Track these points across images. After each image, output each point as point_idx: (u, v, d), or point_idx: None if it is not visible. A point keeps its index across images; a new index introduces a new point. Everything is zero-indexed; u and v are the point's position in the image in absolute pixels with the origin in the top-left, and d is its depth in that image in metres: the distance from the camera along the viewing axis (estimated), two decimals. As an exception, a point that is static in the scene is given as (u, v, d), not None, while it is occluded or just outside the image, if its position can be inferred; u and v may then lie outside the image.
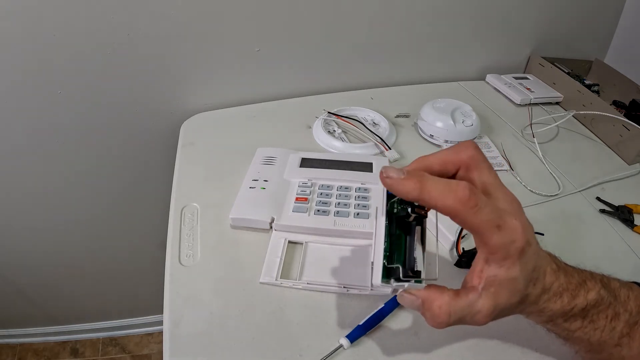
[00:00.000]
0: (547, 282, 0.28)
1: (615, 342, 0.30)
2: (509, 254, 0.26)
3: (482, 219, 0.25)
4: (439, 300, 0.27)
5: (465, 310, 0.27)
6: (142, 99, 0.67)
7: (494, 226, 0.25)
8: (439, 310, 0.27)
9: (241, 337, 0.37)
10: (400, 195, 0.26)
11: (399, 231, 0.29)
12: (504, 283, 0.26)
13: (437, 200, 0.25)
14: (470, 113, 0.64)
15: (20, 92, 0.60)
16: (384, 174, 0.26)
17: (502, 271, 0.26)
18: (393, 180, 0.26)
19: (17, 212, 0.77)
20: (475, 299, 0.27)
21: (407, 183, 0.26)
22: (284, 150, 0.56)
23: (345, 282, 0.41)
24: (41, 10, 0.54)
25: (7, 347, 1.10)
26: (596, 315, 0.29)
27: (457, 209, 0.25)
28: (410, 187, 0.25)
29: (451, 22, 0.76)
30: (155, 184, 0.78)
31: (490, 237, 0.25)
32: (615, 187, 0.59)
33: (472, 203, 0.25)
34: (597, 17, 0.85)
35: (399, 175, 0.26)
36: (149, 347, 1.14)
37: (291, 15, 0.65)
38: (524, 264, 0.27)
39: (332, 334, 0.37)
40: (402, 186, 0.26)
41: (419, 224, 0.29)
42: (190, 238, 0.46)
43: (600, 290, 0.29)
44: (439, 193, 0.25)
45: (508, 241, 0.26)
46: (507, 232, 0.26)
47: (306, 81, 0.74)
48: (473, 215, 0.25)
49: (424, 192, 0.25)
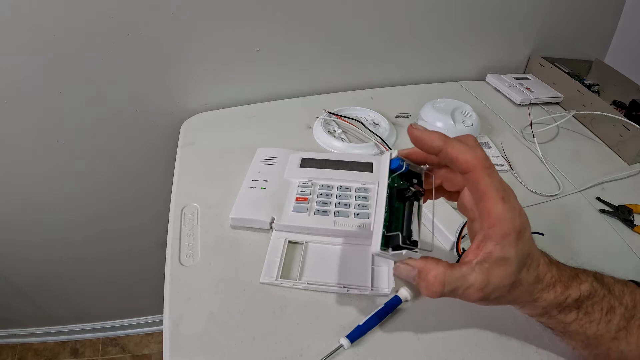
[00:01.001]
0: (541, 272, 0.29)
1: (612, 336, 0.30)
2: (507, 231, 0.27)
3: (492, 182, 0.27)
4: (435, 270, 0.28)
5: (458, 281, 0.28)
6: (142, 99, 0.67)
7: (499, 196, 0.27)
8: (434, 279, 0.28)
9: (241, 337, 0.37)
10: (424, 144, 0.29)
11: (398, 204, 0.31)
12: (497, 261, 0.27)
13: (459, 153, 0.27)
14: (470, 113, 0.64)
15: (20, 92, 0.60)
16: (413, 126, 0.29)
17: (497, 249, 0.27)
18: (420, 130, 0.29)
19: (17, 212, 0.77)
20: (468, 272, 0.28)
21: (434, 134, 0.28)
22: (284, 150, 0.56)
23: (346, 282, 0.41)
24: (41, 10, 0.54)
25: (7, 347, 1.10)
26: (591, 307, 0.30)
27: (474, 164, 0.27)
28: (436, 136, 0.28)
29: (451, 22, 0.76)
30: (155, 183, 0.78)
31: (495, 206, 0.27)
32: (615, 187, 0.59)
33: (488, 164, 0.27)
34: (597, 17, 0.85)
35: (426, 129, 0.29)
36: (149, 347, 1.14)
37: (291, 15, 0.65)
38: (519, 248, 0.27)
39: (332, 334, 0.37)
40: (428, 135, 0.28)
41: (416, 200, 0.31)
42: (190, 238, 0.46)
43: (593, 282, 0.30)
44: (460, 147, 0.28)
45: (509, 217, 0.27)
46: (509, 208, 0.27)
47: (306, 81, 0.74)
48: (487, 176, 0.27)
49: (447, 144, 0.28)
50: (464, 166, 0.27)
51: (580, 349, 0.32)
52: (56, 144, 0.68)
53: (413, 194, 0.31)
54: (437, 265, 0.28)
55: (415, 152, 0.32)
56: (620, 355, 0.30)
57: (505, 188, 0.28)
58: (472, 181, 0.27)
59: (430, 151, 0.29)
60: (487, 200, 0.27)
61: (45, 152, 0.68)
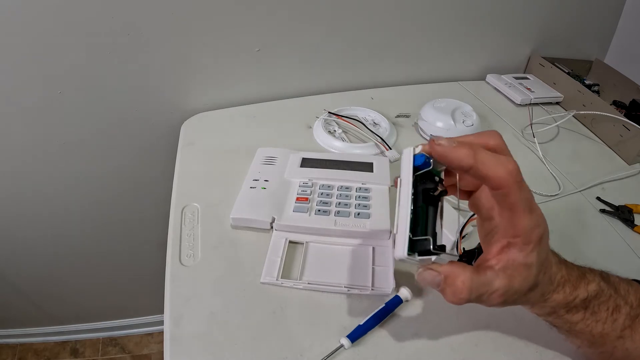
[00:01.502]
0: (553, 272, 0.29)
1: (617, 335, 0.30)
2: (530, 239, 0.27)
3: (523, 196, 0.26)
4: (462, 276, 0.27)
5: (484, 287, 0.27)
6: (142, 99, 0.67)
7: (527, 208, 0.26)
8: (462, 285, 0.27)
9: (242, 337, 0.37)
10: (450, 162, 0.26)
11: (422, 204, 0.29)
12: (520, 268, 0.27)
13: (490, 170, 0.25)
14: (470, 113, 0.64)
15: (20, 92, 0.60)
16: (436, 141, 0.27)
17: (521, 256, 0.27)
18: (445, 147, 0.26)
19: (17, 212, 0.77)
20: (492, 278, 0.27)
21: (462, 150, 0.26)
22: (284, 150, 0.56)
23: (346, 282, 0.41)
24: (41, 10, 0.54)
25: (7, 347, 1.10)
26: (597, 307, 0.30)
27: (507, 180, 0.25)
28: (464, 154, 0.26)
29: (451, 22, 0.76)
30: (156, 184, 0.78)
31: (522, 218, 0.26)
32: (615, 187, 0.59)
33: (519, 178, 0.26)
34: (597, 17, 0.85)
35: (451, 143, 0.26)
36: (149, 347, 1.14)
37: (291, 15, 0.65)
38: (541, 254, 0.27)
39: (332, 333, 0.37)
40: (455, 153, 0.26)
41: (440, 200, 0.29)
42: (190, 238, 0.46)
43: (600, 282, 0.30)
44: (491, 163, 0.25)
45: (534, 226, 0.27)
46: (534, 218, 0.27)
47: (306, 81, 0.74)
48: (518, 190, 0.26)
49: (477, 161, 0.25)
50: (496, 184, 0.26)
51: (585, 348, 0.33)
52: (56, 144, 0.68)
53: (439, 193, 0.29)
54: (465, 270, 0.27)
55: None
56: (626, 352, 0.31)
57: (531, 200, 0.27)
58: (502, 195, 0.26)
59: (458, 169, 0.27)
60: (515, 213, 0.26)
61: (45, 152, 0.68)
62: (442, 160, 0.27)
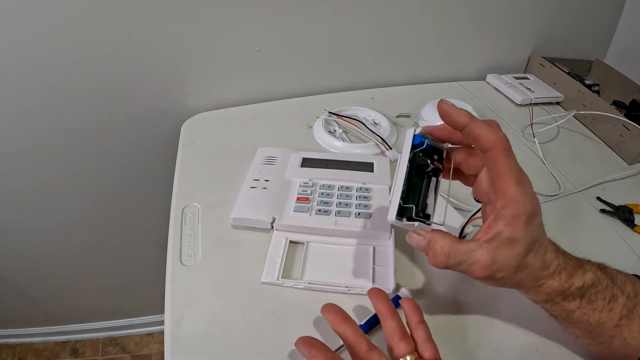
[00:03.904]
0: (548, 258, 0.30)
1: (615, 324, 0.30)
2: (518, 213, 0.28)
3: (509, 164, 0.28)
4: (442, 242, 0.30)
5: (464, 255, 0.29)
6: (142, 99, 0.67)
7: (514, 177, 0.28)
8: (440, 250, 0.30)
9: (242, 337, 0.37)
10: (451, 119, 0.30)
11: (416, 179, 0.32)
12: (505, 241, 0.28)
13: (482, 131, 0.28)
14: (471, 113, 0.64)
15: (20, 92, 0.60)
16: (443, 101, 0.30)
17: (507, 229, 0.28)
18: (449, 105, 0.29)
19: (17, 212, 0.77)
20: (475, 248, 0.29)
21: (462, 111, 0.29)
22: (284, 150, 0.56)
23: (347, 282, 0.41)
24: (41, 10, 0.54)
25: (7, 347, 1.09)
26: (594, 296, 0.30)
27: (496, 144, 0.28)
28: (463, 113, 0.29)
29: (451, 22, 0.76)
30: (156, 184, 0.78)
31: (510, 186, 0.28)
32: (615, 187, 0.59)
33: (508, 146, 0.28)
34: (597, 17, 0.85)
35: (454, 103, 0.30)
36: (149, 347, 1.14)
37: (291, 15, 0.65)
38: (529, 231, 0.28)
39: (333, 333, 0.37)
40: (456, 110, 0.29)
41: (435, 176, 0.33)
42: (191, 238, 0.46)
43: (596, 271, 0.31)
44: (484, 127, 0.29)
45: (521, 200, 0.28)
46: (522, 190, 0.28)
47: (306, 81, 0.74)
48: (506, 157, 0.28)
49: (473, 121, 0.29)
50: (485, 144, 0.28)
51: (583, 338, 0.33)
52: (56, 144, 0.68)
53: (432, 170, 0.32)
54: (444, 237, 0.30)
55: (439, 130, 0.33)
56: (623, 342, 0.31)
57: (520, 172, 0.29)
58: (491, 160, 0.29)
59: (455, 126, 0.30)
60: (502, 180, 0.28)
61: (45, 152, 0.68)
62: (443, 117, 0.30)
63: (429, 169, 0.32)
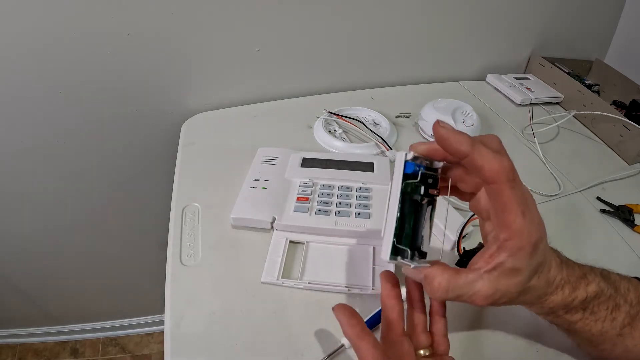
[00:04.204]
0: (552, 275, 0.29)
1: (617, 333, 0.30)
2: (523, 245, 0.26)
3: (514, 196, 0.26)
4: (439, 278, 0.28)
5: (463, 288, 0.28)
6: (142, 99, 0.67)
7: (520, 210, 0.26)
8: (438, 286, 0.28)
9: (243, 336, 0.37)
10: (449, 146, 0.26)
11: (410, 210, 0.29)
12: (507, 271, 0.27)
13: (485, 161, 0.26)
14: (470, 113, 0.64)
15: (20, 92, 0.60)
16: (440, 123, 0.27)
17: (510, 260, 0.27)
18: (447, 130, 0.26)
19: (17, 211, 0.77)
20: (475, 279, 0.27)
21: (462, 136, 0.26)
22: (285, 150, 0.56)
23: (347, 282, 0.41)
24: (41, 10, 0.54)
25: (7, 347, 1.09)
26: (597, 307, 0.30)
27: (500, 175, 0.25)
28: (463, 140, 0.26)
29: (451, 22, 0.76)
30: (156, 184, 0.78)
31: (514, 220, 0.26)
32: (615, 187, 0.59)
33: (512, 176, 0.26)
34: (597, 17, 0.85)
35: (453, 129, 0.27)
36: (149, 347, 1.14)
37: (291, 15, 0.65)
38: (534, 259, 0.27)
39: (333, 333, 0.37)
40: (456, 137, 0.26)
41: (429, 205, 0.30)
42: (191, 238, 0.46)
43: (600, 282, 0.30)
44: (487, 157, 0.26)
45: (526, 232, 0.26)
46: (527, 222, 0.26)
47: (306, 81, 0.74)
48: (510, 189, 0.26)
49: (475, 149, 0.26)
50: (489, 176, 0.26)
51: (585, 346, 0.33)
52: (56, 144, 0.68)
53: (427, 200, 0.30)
54: (443, 272, 0.28)
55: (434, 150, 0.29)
56: (625, 349, 0.31)
57: (526, 200, 0.27)
58: (495, 192, 0.26)
59: (454, 154, 0.27)
60: (507, 213, 0.26)
61: (45, 152, 0.68)
62: (441, 144, 0.27)
63: (424, 201, 0.29)
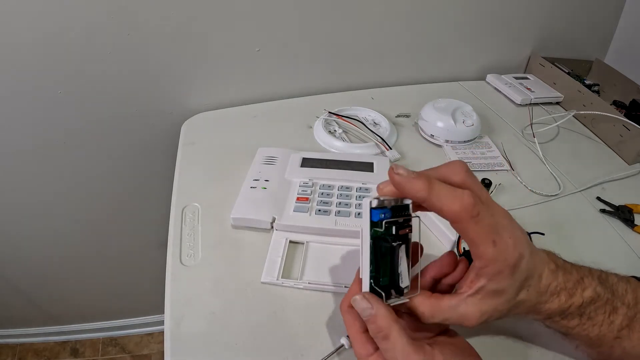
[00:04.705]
0: (544, 284, 0.29)
1: (614, 335, 0.30)
2: (500, 270, 0.27)
3: (481, 229, 0.26)
4: (422, 307, 0.29)
5: (447, 312, 0.29)
6: (142, 99, 0.67)
7: (490, 240, 0.26)
8: (422, 315, 0.29)
9: (242, 336, 0.37)
10: (407, 194, 0.27)
11: (384, 252, 0.29)
12: (490, 293, 0.28)
13: (444, 204, 0.26)
14: (470, 113, 0.64)
15: (20, 92, 0.60)
16: (395, 170, 0.27)
17: (491, 284, 0.27)
18: (402, 177, 0.27)
19: (17, 212, 0.77)
20: (457, 304, 0.28)
21: (417, 182, 0.26)
22: (284, 150, 0.56)
23: (347, 282, 0.41)
24: (41, 10, 0.54)
25: (7, 347, 1.09)
26: (594, 312, 0.30)
27: (461, 215, 0.26)
28: (419, 187, 0.26)
29: (452, 22, 0.76)
30: (156, 183, 0.78)
31: (485, 251, 0.26)
32: (615, 187, 0.59)
33: (475, 212, 0.26)
34: (597, 17, 0.85)
35: (410, 174, 0.27)
36: (149, 347, 1.14)
37: (291, 15, 0.65)
38: (515, 278, 0.27)
39: (333, 333, 0.37)
40: (411, 184, 0.26)
41: (404, 243, 0.30)
42: (191, 238, 0.46)
43: (596, 287, 0.30)
44: (446, 197, 0.26)
45: (502, 258, 0.27)
46: (500, 249, 0.26)
47: (306, 81, 0.74)
48: (474, 224, 0.26)
49: (432, 194, 0.26)
50: (450, 216, 0.26)
51: (583, 347, 0.33)
52: (56, 144, 0.68)
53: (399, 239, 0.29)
54: (423, 302, 0.29)
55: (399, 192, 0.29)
56: (623, 351, 0.31)
57: (496, 227, 0.26)
58: (461, 230, 0.27)
59: (413, 200, 0.27)
60: (477, 246, 0.26)
61: (45, 152, 0.68)
62: (398, 190, 0.27)
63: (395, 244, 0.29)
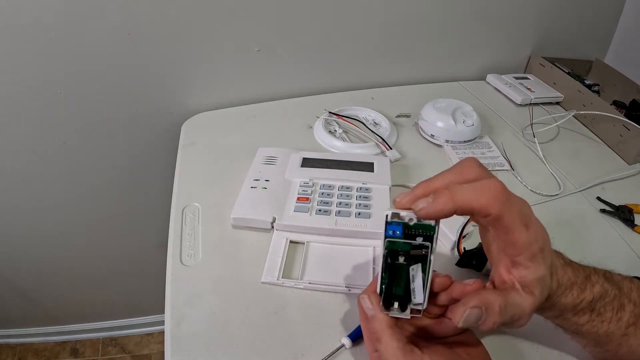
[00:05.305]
0: (560, 276, 0.29)
1: (622, 332, 0.30)
2: (534, 253, 0.27)
3: (514, 214, 0.26)
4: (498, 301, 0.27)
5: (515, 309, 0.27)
6: (142, 99, 0.67)
7: (523, 224, 0.26)
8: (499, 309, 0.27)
9: (243, 336, 0.37)
10: (438, 216, 0.27)
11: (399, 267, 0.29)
12: (534, 282, 0.27)
13: (473, 202, 0.25)
14: (471, 113, 0.64)
15: (20, 92, 0.60)
16: (416, 208, 0.27)
17: (529, 272, 0.27)
18: (425, 210, 0.26)
19: (17, 212, 0.77)
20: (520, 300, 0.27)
21: (438, 203, 0.26)
22: (285, 150, 0.56)
23: (347, 282, 0.41)
24: (41, 10, 0.54)
25: (7, 347, 1.09)
26: (603, 308, 0.30)
27: (492, 204, 0.25)
28: (442, 205, 0.26)
29: (451, 22, 0.76)
30: (156, 184, 0.78)
31: (520, 236, 0.26)
32: (615, 187, 0.59)
33: (506, 196, 0.26)
34: (597, 17, 0.85)
35: (428, 201, 0.26)
36: (149, 347, 1.14)
37: (291, 15, 0.65)
38: (547, 262, 0.27)
39: (333, 333, 0.37)
40: (434, 209, 0.26)
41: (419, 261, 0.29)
42: (191, 238, 0.46)
43: (603, 283, 0.30)
44: (472, 195, 0.26)
45: (533, 240, 0.26)
46: (532, 232, 0.26)
47: (306, 81, 0.74)
48: (508, 209, 0.25)
49: (457, 202, 0.26)
50: (483, 211, 0.26)
51: (590, 347, 0.33)
52: (56, 144, 0.68)
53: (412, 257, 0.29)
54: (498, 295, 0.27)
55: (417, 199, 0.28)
56: (629, 349, 0.31)
57: (525, 212, 0.27)
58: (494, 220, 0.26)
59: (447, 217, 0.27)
60: (511, 233, 0.26)
61: (45, 152, 0.68)
62: (428, 219, 0.27)
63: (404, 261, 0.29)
